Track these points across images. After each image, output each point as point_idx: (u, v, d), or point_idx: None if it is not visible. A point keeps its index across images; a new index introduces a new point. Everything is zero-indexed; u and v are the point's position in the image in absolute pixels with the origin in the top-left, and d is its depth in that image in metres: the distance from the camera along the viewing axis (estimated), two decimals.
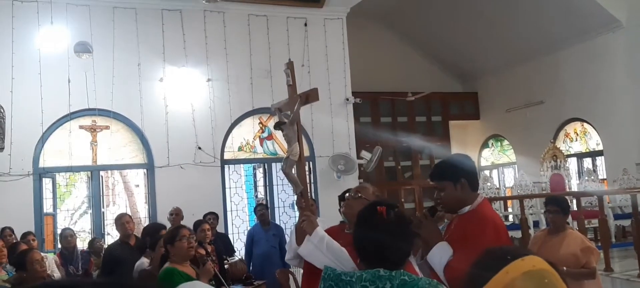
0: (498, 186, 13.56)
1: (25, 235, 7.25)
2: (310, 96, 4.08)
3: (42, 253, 5.35)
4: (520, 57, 13.32)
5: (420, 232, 2.75)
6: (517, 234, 8.93)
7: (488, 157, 15.67)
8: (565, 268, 4.56)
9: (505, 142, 14.97)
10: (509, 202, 11.86)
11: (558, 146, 12.01)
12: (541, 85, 13.11)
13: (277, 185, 10.15)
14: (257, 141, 10.07)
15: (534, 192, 10.68)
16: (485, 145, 15.58)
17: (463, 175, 2.89)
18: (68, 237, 7.57)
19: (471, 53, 14.21)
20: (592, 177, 10.74)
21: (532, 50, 12.92)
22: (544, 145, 11.64)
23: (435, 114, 15.00)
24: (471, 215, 2.85)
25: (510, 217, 11.17)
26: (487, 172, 14.92)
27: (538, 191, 10.74)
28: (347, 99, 10.47)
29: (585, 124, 12.58)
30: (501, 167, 15.42)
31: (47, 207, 8.91)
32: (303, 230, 3.21)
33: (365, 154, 10.42)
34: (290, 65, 4.20)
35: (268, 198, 10.22)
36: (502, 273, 1.15)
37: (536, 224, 9.70)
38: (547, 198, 5.40)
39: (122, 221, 6.78)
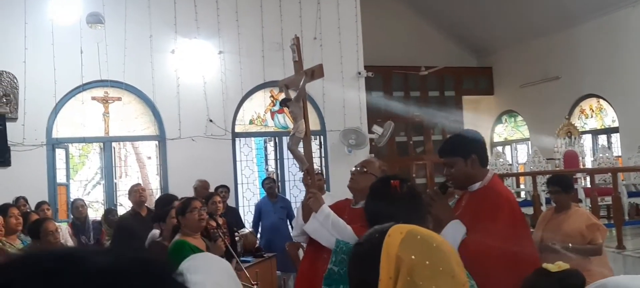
0: (511, 162, 13.48)
1: (39, 204, 7.32)
2: (316, 72, 4.05)
3: (56, 223, 5.40)
4: (536, 31, 13.11)
5: (431, 210, 2.72)
6: (529, 211, 8.87)
7: (501, 132, 15.55)
8: (570, 244, 4.56)
9: (519, 118, 14.83)
10: (522, 179, 11.78)
11: (573, 122, 11.87)
12: (557, 60, 12.92)
13: (288, 158, 10.14)
14: (268, 114, 10.05)
15: (548, 169, 10.59)
16: (498, 120, 15.45)
17: (473, 151, 2.84)
18: (79, 207, 7.63)
19: (486, 27, 14.00)
20: (607, 154, 10.63)
21: (548, 24, 12.70)
22: (559, 122, 11.50)
23: (449, 89, 14.86)
24: (484, 191, 2.80)
25: (523, 194, 11.11)
26: (499, 148, 14.81)
27: (551, 168, 10.64)
28: (359, 73, 10.39)
29: (601, 101, 12.41)
30: (514, 143, 15.30)
31: (60, 177, 8.99)
32: (309, 207, 3.21)
33: (377, 129, 10.37)
34: (296, 41, 4.16)
35: (279, 172, 10.24)
36: (384, 258, 1.18)
37: (549, 201, 9.62)
38: (548, 179, 5.41)
39: (136, 189, 6.86)
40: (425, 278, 1.15)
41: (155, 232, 5.28)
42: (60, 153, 9.03)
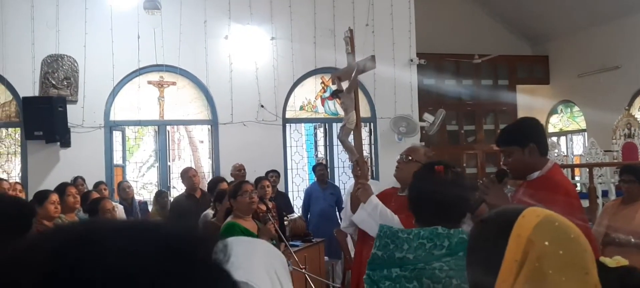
0: (566, 153, 13.12)
1: (97, 184, 7.59)
2: (367, 64, 4.07)
3: (113, 203, 5.59)
4: (595, 19, 12.64)
5: (487, 198, 2.68)
6: (585, 203, 8.60)
7: (556, 123, 15.12)
8: (633, 239, 4.40)
9: (576, 108, 14.37)
10: (577, 170, 11.46)
11: (633, 114, 11.44)
12: (618, 49, 12.43)
13: (337, 145, 10.14)
14: (319, 101, 10.07)
15: (605, 161, 10.26)
16: (554, 110, 15.03)
17: (532, 140, 2.79)
18: (126, 188, 7.87)
19: (542, 14, 13.58)
20: None
21: (608, 11, 12.22)
22: (618, 113, 11.10)
23: (502, 78, 14.51)
24: (542, 181, 2.74)
25: (578, 186, 10.80)
26: (554, 139, 14.40)
27: (609, 160, 10.31)
28: (411, 60, 10.27)
29: None
30: (570, 134, 14.86)
31: (117, 158, 9.28)
32: (358, 198, 3.22)
33: (428, 117, 10.25)
34: (350, 33, 4.17)
35: (328, 158, 10.27)
36: (513, 239, 1.10)
37: (605, 193, 9.34)
38: (622, 168, 5.22)
39: (189, 174, 7.04)
40: (555, 268, 1.07)
41: (209, 212, 5.41)
42: (117, 135, 9.32)
